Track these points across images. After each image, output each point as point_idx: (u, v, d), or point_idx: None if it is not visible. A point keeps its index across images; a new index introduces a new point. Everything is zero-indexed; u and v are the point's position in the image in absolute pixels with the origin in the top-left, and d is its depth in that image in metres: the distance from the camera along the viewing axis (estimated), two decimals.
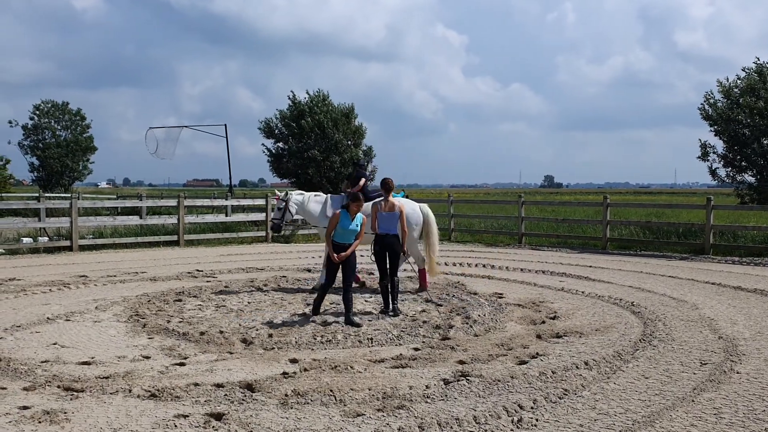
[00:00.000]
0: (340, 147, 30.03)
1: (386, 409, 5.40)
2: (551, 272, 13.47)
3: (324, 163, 29.56)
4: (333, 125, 29.88)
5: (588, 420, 5.19)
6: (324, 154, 29.49)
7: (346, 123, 30.52)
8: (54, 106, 47.20)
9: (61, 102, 47.70)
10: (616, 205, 21.19)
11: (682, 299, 10.36)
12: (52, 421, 5.11)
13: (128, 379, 6.22)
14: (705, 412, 5.37)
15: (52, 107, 47.15)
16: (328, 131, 29.67)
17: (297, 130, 30.09)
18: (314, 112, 29.92)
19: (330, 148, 29.71)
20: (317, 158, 29.29)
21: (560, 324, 8.72)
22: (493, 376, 6.27)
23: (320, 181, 29.80)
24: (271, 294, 10.90)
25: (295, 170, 30.31)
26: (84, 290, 11.34)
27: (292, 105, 31.22)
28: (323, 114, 29.82)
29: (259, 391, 5.83)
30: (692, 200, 42.79)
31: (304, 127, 29.66)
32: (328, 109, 30.30)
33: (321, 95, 31.27)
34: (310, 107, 30.38)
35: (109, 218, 20.94)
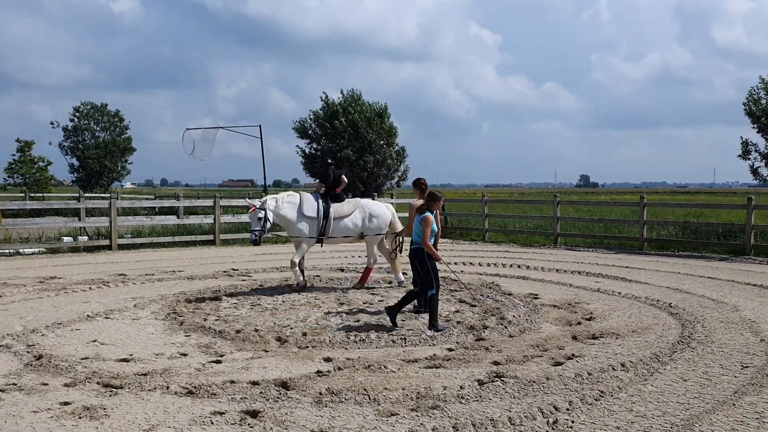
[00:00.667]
0: (374, 147, 30.06)
1: (420, 409, 5.39)
2: (587, 273, 13.32)
3: (357, 162, 29.61)
4: (366, 125, 29.91)
5: (625, 422, 5.12)
6: (357, 154, 29.54)
7: (380, 123, 30.53)
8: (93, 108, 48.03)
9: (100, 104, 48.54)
10: (653, 204, 20.88)
11: (721, 301, 10.16)
12: (92, 416, 5.21)
13: (166, 376, 6.31)
14: (746, 416, 5.26)
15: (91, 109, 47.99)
16: (362, 131, 29.72)
17: (330, 130, 30.20)
18: (348, 112, 30.00)
19: (363, 148, 29.75)
20: (350, 158, 29.35)
21: (596, 325, 8.61)
22: (528, 377, 6.22)
23: (353, 181, 29.86)
24: (304, 293, 10.97)
25: None
26: (123, 288, 11.54)
27: (325, 105, 31.34)
28: (357, 114, 29.88)
29: (294, 389, 5.87)
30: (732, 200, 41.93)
31: (338, 127, 29.76)
32: (361, 108, 30.35)
33: (354, 95, 31.34)
34: (344, 107, 30.46)
35: (146, 218, 21.26)
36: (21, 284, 11.67)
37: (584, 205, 29.47)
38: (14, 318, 8.95)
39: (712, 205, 26.80)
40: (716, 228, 18.28)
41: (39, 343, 7.59)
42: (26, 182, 44.24)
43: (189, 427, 5.01)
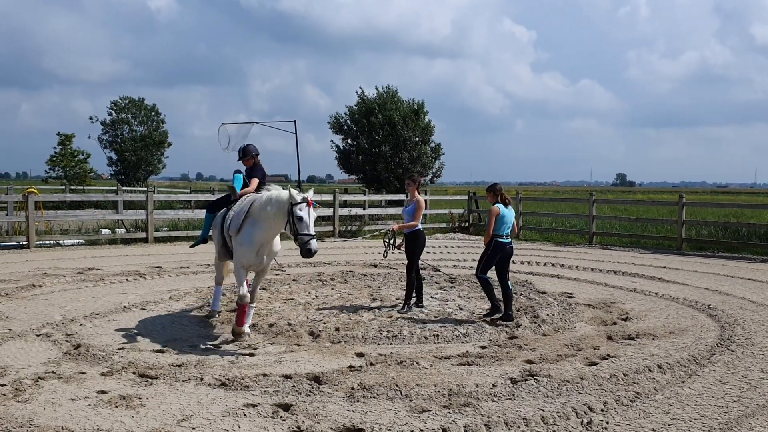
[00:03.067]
0: (409, 144, 30.01)
1: (452, 405, 5.37)
2: (623, 272, 13.12)
3: (392, 159, 29.61)
4: (402, 122, 29.89)
5: (661, 425, 5.03)
6: (393, 151, 29.53)
7: (415, 120, 30.47)
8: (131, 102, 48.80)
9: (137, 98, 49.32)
10: (692, 204, 20.49)
11: (762, 303, 9.92)
12: (128, 405, 5.28)
13: (200, 367, 6.38)
14: None
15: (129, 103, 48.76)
16: (398, 128, 29.70)
17: (367, 127, 30.23)
18: (385, 109, 29.99)
19: (399, 145, 29.73)
20: (386, 154, 29.36)
21: (632, 325, 8.48)
22: (562, 376, 6.15)
23: (388, 178, 29.88)
24: (338, 288, 10.99)
25: (363, 166, 30.47)
26: (158, 281, 11.70)
27: (360, 101, 31.39)
28: (394, 110, 29.87)
29: (326, 384, 5.88)
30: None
31: (374, 123, 29.77)
32: (397, 105, 30.33)
33: (390, 91, 31.33)
34: (380, 104, 30.46)
35: (182, 211, 21.52)
36: (60, 275, 11.90)
37: (621, 203, 29.05)
38: (54, 308, 9.13)
39: (753, 205, 26.20)
40: (757, 229, 17.86)
41: (77, 333, 7.73)
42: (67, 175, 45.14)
43: (222, 419, 5.05)
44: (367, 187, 30.63)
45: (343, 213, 22.20)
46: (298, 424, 4.93)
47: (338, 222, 21.35)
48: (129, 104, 48.80)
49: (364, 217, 23.39)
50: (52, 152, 46.69)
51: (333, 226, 21.22)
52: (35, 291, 10.35)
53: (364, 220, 23.27)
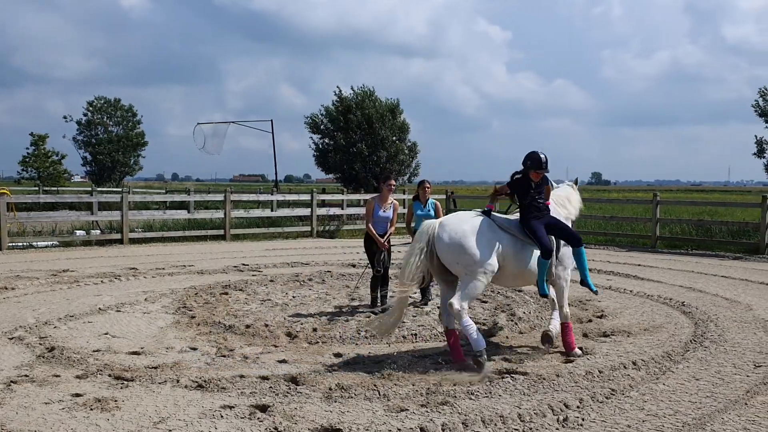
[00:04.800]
0: (386, 143, 30.04)
1: (430, 404, 5.38)
2: (598, 270, 13.24)
3: (370, 158, 29.62)
4: (380, 121, 29.91)
5: (636, 421, 5.08)
6: (370, 149, 29.54)
7: (392, 118, 30.52)
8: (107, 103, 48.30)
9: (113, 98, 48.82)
10: (667, 202, 20.74)
11: (735, 300, 10.08)
12: (103, 408, 5.23)
13: (176, 369, 6.33)
14: (759, 415, 5.21)
15: (104, 103, 48.26)
16: (375, 126, 29.71)
17: (344, 125, 30.20)
18: (362, 107, 29.99)
19: (376, 144, 29.75)
20: (363, 153, 29.36)
21: (607, 323, 8.57)
22: (539, 373, 6.19)
23: (366, 177, 29.88)
24: (315, 288, 10.97)
25: (341, 165, 30.45)
26: (134, 282, 11.59)
27: (338, 100, 31.35)
28: (371, 109, 29.88)
29: (304, 384, 5.87)
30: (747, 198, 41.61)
31: (352, 122, 29.76)
32: (374, 104, 30.35)
33: (367, 91, 31.34)
34: (357, 102, 30.46)
35: (158, 212, 21.35)
36: (34, 277, 11.75)
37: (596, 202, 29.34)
38: (27, 310, 9.01)
39: (727, 203, 26.56)
40: (730, 227, 18.15)
41: (51, 335, 7.63)
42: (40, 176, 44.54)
43: (199, 421, 5.02)
44: (345, 187, 30.61)
45: (321, 213, 22.16)
46: (275, 425, 4.91)
47: (316, 222, 21.30)
48: (105, 105, 48.32)
49: (342, 217, 23.37)
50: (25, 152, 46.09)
51: (311, 225, 21.18)
52: (8, 294, 10.21)
53: (343, 219, 23.25)
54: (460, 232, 6.59)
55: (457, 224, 6.68)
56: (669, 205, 22.63)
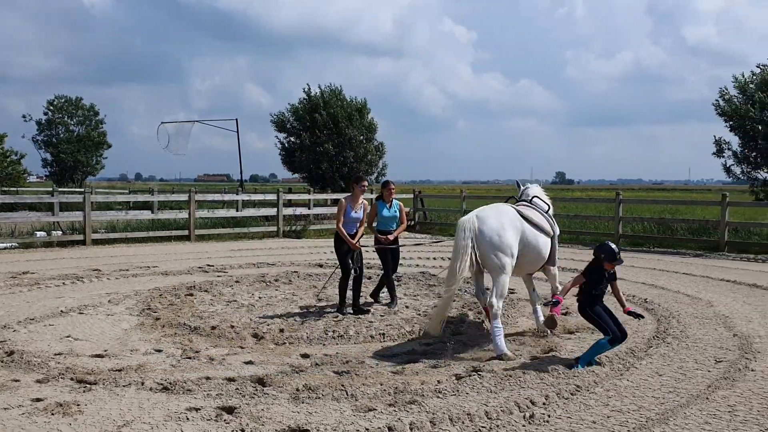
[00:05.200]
0: (353, 142, 29.98)
1: (398, 404, 5.38)
2: (563, 268, 13.37)
3: (337, 158, 29.53)
4: (347, 120, 29.84)
5: (601, 417, 5.15)
6: (337, 149, 29.45)
7: (359, 118, 30.47)
8: (68, 102, 47.42)
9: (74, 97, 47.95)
10: (629, 201, 21.06)
11: (696, 296, 10.28)
12: (65, 413, 5.13)
13: (141, 371, 6.24)
14: (719, 409, 5.32)
15: (65, 102, 47.38)
16: (342, 126, 29.63)
17: (310, 124, 30.07)
18: (329, 106, 29.88)
19: (343, 143, 29.67)
20: (330, 153, 29.26)
21: (572, 320, 8.67)
22: (505, 371, 6.24)
23: (333, 176, 29.80)
24: (282, 289, 10.91)
25: (307, 165, 30.31)
26: (97, 284, 11.40)
27: (306, 99, 31.21)
28: (338, 108, 29.79)
29: (271, 386, 5.83)
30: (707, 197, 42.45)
31: (318, 121, 29.63)
32: (342, 104, 30.26)
33: (334, 90, 31.25)
34: (324, 101, 30.34)
35: (121, 212, 21.03)
36: None
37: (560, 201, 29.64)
38: None
39: (687, 201, 27.09)
40: (691, 224, 18.53)
41: (11, 339, 7.46)
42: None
43: (164, 423, 4.95)
44: (311, 186, 30.50)
45: (288, 212, 22.04)
46: (242, 427, 4.87)
47: (282, 222, 21.19)
48: (66, 104, 47.45)
49: (309, 217, 23.28)
50: None
51: (277, 225, 21.06)
52: None
53: (309, 219, 23.16)
54: (498, 226, 7.11)
55: (495, 218, 7.19)
56: (631, 204, 22.99)
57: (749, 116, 18.64)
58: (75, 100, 47.74)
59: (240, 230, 20.55)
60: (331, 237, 10.45)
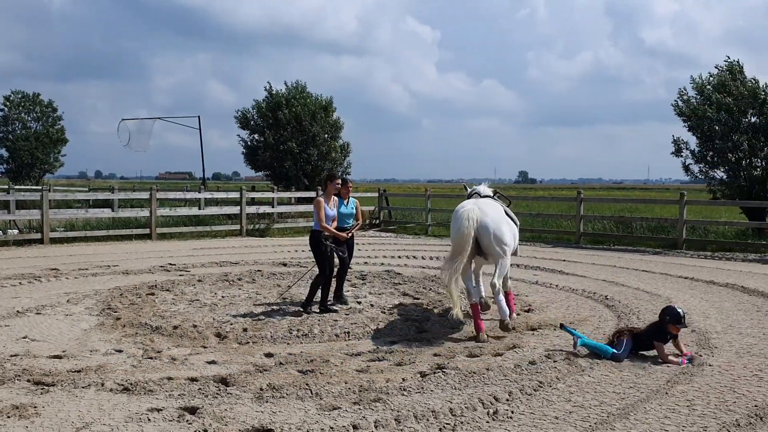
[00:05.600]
0: (318, 140, 29.83)
1: (363, 402, 5.38)
2: (525, 266, 13.53)
3: (301, 156, 29.35)
4: (311, 118, 29.65)
5: (563, 412, 5.21)
6: (301, 147, 29.27)
7: (324, 116, 30.31)
8: (24, 98, 46.32)
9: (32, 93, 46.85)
10: (590, 200, 21.37)
11: (655, 293, 10.47)
12: (22, 415, 5.00)
13: (100, 372, 6.13)
14: (678, 404, 5.42)
15: (22, 98, 46.27)
16: (306, 124, 29.44)
17: (273, 122, 29.82)
18: (292, 104, 29.66)
19: (307, 141, 29.49)
20: (294, 151, 29.07)
21: (535, 317, 8.76)
22: (469, 368, 6.27)
23: (297, 174, 29.61)
24: (245, 288, 10.81)
25: (271, 163, 30.08)
26: (55, 283, 11.16)
27: (268, 96, 30.94)
28: (301, 106, 29.59)
29: (234, 385, 5.77)
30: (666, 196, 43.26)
31: (281, 119, 29.40)
32: (305, 101, 30.05)
33: (299, 87, 31.03)
34: (287, 99, 30.10)
35: (80, 211, 20.63)
36: None
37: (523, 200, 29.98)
38: None
39: (647, 200, 27.60)
40: (650, 223, 18.88)
41: None
42: None
43: (125, 425, 4.86)
44: (275, 185, 30.28)
45: (251, 211, 21.86)
46: (204, 428, 4.81)
47: (245, 220, 21.01)
48: (23, 99, 46.33)
49: (272, 215, 23.12)
50: None
51: (240, 224, 20.88)
52: None
53: (273, 218, 23.00)
54: (499, 219, 7.95)
55: (496, 212, 8.03)
56: (592, 203, 23.35)
57: (707, 117, 19.05)
58: (33, 96, 46.66)
59: (202, 229, 20.34)
60: (295, 236, 10.43)
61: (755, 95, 18.75)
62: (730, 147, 19.02)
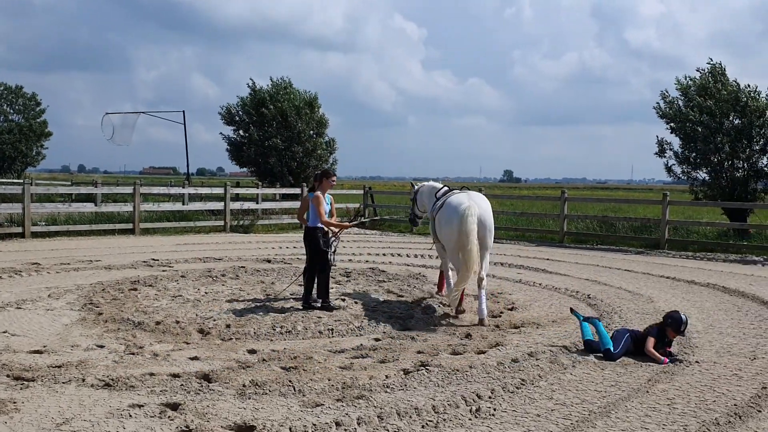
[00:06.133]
0: (303, 136, 29.72)
1: (346, 399, 5.38)
2: (509, 264, 13.59)
3: (285, 152, 29.24)
4: (296, 114, 29.53)
5: (545, 410, 5.24)
6: (286, 144, 29.16)
7: (309, 113, 30.19)
8: (7, 90, 45.84)
9: (14, 85, 46.38)
10: (574, 199, 21.49)
11: (637, 292, 10.55)
12: (1, 411, 4.95)
13: (81, 368, 6.08)
14: (659, 402, 5.47)
15: (4, 90, 45.79)
16: (291, 120, 29.31)
17: (257, 118, 29.68)
18: (276, 100, 29.52)
19: (292, 138, 29.38)
20: (279, 147, 28.95)
21: (518, 315, 8.80)
22: (452, 365, 6.29)
23: (281, 171, 29.49)
24: (229, 284, 10.77)
25: (255, 159, 29.94)
26: (36, 278, 11.06)
27: (252, 92, 30.78)
28: (286, 102, 29.45)
29: (216, 381, 5.75)
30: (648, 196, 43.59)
31: (266, 115, 29.26)
32: (290, 97, 29.91)
33: (284, 83, 30.88)
34: (272, 95, 29.95)
35: (63, 205, 20.45)
36: None
37: (507, 198, 30.09)
38: None
39: (630, 200, 27.79)
40: (633, 223, 19.03)
41: None
42: None
43: (106, 420, 4.83)
44: (260, 181, 30.17)
45: (235, 207, 21.77)
46: (186, 424, 4.79)
47: (230, 216, 20.92)
48: (5, 92, 45.84)
49: (257, 211, 23.03)
50: None
51: (224, 220, 20.78)
52: None
53: (258, 214, 22.91)
54: (490, 212, 8.52)
55: (486, 206, 8.54)
56: (576, 202, 23.47)
57: (690, 119, 19.21)
58: (15, 89, 46.18)
59: (186, 224, 20.22)
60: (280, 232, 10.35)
61: (737, 98, 18.93)
62: (713, 149, 19.20)
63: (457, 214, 8.26)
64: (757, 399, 5.56)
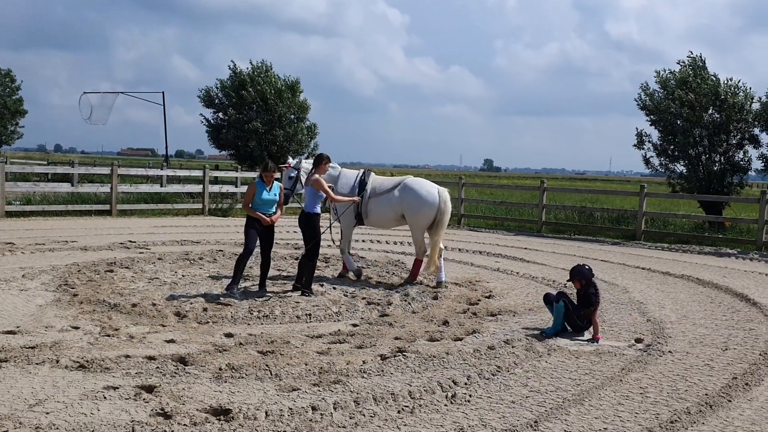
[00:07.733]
0: (284, 121, 29.53)
1: (322, 383, 5.38)
2: (488, 253, 13.66)
3: (266, 136, 29.05)
4: (277, 98, 29.31)
5: (520, 397, 5.29)
6: (266, 127, 28.96)
7: (291, 97, 29.98)
8: None
9: None
10: (553, 189, 21.60)
11: (613, 283, 10.65)
12: None
13: (56, 349, 6.02)
14: (632, 391, 5.54)
15: None
16: (271, 103, 29.10)
17: (237, 101, 29.42)
18: (256, 83, 29.28)
19: (273, 122, 29.18)
20: (259, 131, 28.76)
21: (495, 303, 8.86)
22: (429, 352, 6.32)
23: (261, 154, 29.31)
24: (206, 267, 10.71)
25: (235, 142, 29.72)
26: (10, 258, 10.92)
27: (232, 74, 30.49)
28: (266, 85, 29.22)
29: (192, 365, 5.72)
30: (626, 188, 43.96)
31: (246, 98, 29.02)
32: (271, 80, 29.67)
33: (264, 66, 30.63)
34: (252, 78, 29.69)
35: (38, 185, 20.18)
36: None
37: (487, 187, 30.19)
38: None
39: (608, 191, 28.01)
40: (611, 214, 19.19)
41: None
42: None
43: (79, 402, 4.79)
44: (239, 164, 29.95)
45: (214, 190, 21.62)
46: (162, 406, 4.76)
47: (208, 199, 20.78)
48: None
49: (236, 195, 22.91)
50: None
51: (202, 203, 20.65)
52: None
53: (236, 197, 22.79)
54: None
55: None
56: (554, 192, 23.59)
57: (669, 111, 19.38)
58: None
59: (164, 206, 20.07)
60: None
61: (716, 92, 19.12)
62: (691, 142, 19.39)
63: (436, 198, 9.80)
64: (728, 389, 5.65)
